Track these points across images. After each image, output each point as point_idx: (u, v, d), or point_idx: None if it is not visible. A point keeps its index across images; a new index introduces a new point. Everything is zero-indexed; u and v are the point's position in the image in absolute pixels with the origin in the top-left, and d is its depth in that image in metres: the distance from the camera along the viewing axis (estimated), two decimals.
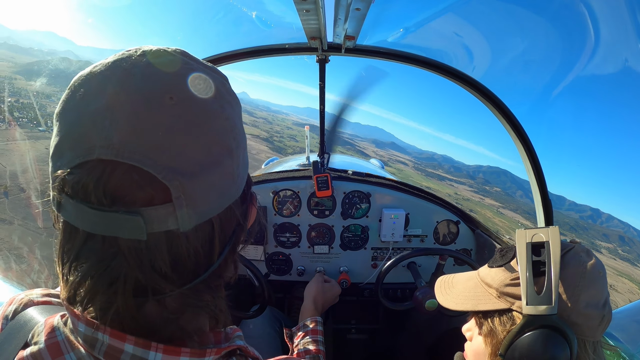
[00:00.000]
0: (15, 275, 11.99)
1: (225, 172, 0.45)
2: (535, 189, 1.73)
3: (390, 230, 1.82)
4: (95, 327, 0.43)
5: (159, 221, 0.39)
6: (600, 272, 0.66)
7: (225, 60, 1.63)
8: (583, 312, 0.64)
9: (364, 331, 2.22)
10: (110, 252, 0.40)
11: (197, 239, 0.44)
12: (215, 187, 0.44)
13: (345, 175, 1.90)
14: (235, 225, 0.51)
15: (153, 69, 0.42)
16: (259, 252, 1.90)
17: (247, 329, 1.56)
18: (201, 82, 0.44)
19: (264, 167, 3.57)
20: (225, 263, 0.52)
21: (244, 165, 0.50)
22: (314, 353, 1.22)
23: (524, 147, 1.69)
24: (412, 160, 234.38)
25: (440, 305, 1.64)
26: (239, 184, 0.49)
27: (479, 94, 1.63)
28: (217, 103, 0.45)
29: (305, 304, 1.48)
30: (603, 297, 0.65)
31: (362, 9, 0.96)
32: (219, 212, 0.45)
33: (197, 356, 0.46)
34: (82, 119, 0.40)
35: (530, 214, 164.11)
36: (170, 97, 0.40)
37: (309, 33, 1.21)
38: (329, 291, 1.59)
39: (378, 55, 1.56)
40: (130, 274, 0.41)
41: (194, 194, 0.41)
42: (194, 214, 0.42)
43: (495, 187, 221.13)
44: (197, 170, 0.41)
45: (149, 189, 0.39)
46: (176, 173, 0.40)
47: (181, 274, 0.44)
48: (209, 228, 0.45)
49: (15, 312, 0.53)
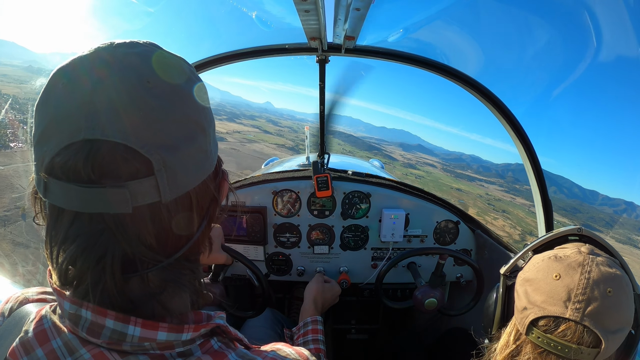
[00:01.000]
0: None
1: (199, 147, 0.49)
2: (535, 189, 1.74)
3: (390, 231, 1.82)
4: (79, 304, 0.45)
5: (143, 194, 0.43)
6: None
7: (225, 60, 1.63)
8: None
9: (364, 331, 2.22)
10: (98, 229, 0.43)
11: (177, 211, 0.48)
12: (191, 160, 0.48)
13: (345, 176, 1.90)
14: (210, 200, 0.55)
15: (131, 58, 0.46)
16: (259, 252, 1.90)
17: (247, 332, 1.56)
18: (174, 67, 0.50)
19: (264, 167, 3.57)
20: (203, 237, 0.55)
21: (215, 143, 0.55)
22: (314, 352, 1.22)
23: (524, 147, 1.69)
24: (440, 162, 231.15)
25: (440, 304, 1.64)
26: (211, 160, 0.53)
27: (479, 94, 1.63)
28: (189, 86, 0.50)
29: (305, 304, 1.48)
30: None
31: (361, 9, 0.96)
32: (195, 185, 0.49)
33: (175, 331, 0.48)
34: (67, 106, 0.43)
35: (567, 211, 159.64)
36: (148, 81, 0.45)
37: (309, 33, 1.21)
38: (329, 291, 1.60)
39: (378, 55, 1.56)
40: (117, 248, 0.44)
41: (174, 167, 0.45)
42: (174, 186, 0.46)
43: (526, 186, 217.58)
44: (175, 144, 0.45)
45: (133, 163, 0.42)
46: (157, 147, 0.43)
47: (164, 246, 0.48)
48: (188, 201, 0.49)
49: (11, 310, 0.55)
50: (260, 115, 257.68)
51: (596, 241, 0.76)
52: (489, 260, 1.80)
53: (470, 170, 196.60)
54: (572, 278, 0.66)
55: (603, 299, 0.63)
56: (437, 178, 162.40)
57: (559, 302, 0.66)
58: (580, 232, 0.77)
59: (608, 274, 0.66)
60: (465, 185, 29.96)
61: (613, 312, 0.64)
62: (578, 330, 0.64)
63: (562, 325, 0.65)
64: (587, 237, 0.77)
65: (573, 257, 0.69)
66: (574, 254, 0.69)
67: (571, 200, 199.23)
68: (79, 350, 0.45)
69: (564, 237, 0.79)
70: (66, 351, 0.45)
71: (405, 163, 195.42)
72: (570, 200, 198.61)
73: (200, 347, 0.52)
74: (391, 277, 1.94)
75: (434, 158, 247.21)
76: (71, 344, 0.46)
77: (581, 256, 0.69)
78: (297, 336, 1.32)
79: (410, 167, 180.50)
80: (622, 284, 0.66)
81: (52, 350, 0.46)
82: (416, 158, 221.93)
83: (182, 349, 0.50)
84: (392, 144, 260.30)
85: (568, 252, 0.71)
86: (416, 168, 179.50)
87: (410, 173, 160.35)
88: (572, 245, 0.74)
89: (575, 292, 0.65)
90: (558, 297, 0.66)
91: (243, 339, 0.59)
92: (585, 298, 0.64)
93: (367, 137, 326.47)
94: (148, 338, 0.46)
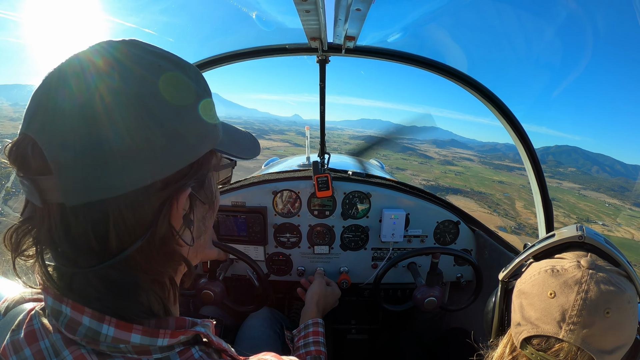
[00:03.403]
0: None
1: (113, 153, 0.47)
2: (535, 189, 1.74)
3: (391, 231, 1.82)
4: (59, 299, 0.46)
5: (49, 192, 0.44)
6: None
7: (225, 60, 1.64)
8: None
9: (364, 331, 2.22)
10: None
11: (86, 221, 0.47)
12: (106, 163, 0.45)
13: (346, 176, 1.90)
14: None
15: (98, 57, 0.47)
16: (259, 252, 1.90)
17: (247, 331, 1.56)
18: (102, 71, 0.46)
19: (264, 167, 3.57)
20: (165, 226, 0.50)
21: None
22: (315, 354, 1.22)
23: (524, 147, 1.69)
24: (477, 154, 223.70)
25: (440, 302, 1.64)
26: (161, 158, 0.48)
27: (479, 94, 1.64)
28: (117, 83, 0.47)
29: (307, 306, 1.49)
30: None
31: (362, 10, 0.95)
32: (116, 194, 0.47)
33: (149, 335, 0.47)
34: (30, 102, 0.46)
35: (614, 190, 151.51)
36: (97, 87, 0.44)
37: (309, 33, 1.21)
38: (330, 295, 1.61)
39: (378, 55, 1.56)
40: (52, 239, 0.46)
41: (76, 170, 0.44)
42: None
43: (570, 168, 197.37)
44: (80, 152, 0.44)
45: (38, 160, 0.43)
46: (62, 150, 0.43)
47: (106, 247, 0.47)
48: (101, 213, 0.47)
49: (7, 309, 0.56)
50: (289, 129, 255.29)
51: (600, 249, 0.70)
52: (489, 261, 1.81)
53: (508, 159, 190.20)
54: (568, 298, 0.63)
55: (600, 321, 0.61)
56: (477, 172, 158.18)
57: (552, 321, 0.63)
58: (582, 239, 0.71)
59: (608, 292, 0.62)
60: (506, 177, 29.10)
61: (610, 334, 0.61)
62: (572, 351, 0.62)
63: (556, 345, 0.63)
64: (590, 245, 0.71)
65: (571, 272, 0.65)
66: (572, 268, 0.66)
67: (616, 179, 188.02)
68: (63, 351, 0.46)
69: (565, 245, 0.73)
70: (52, 352, 0.46)
71: (441, 160, 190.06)
72: (615, 179, 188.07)
73: (180, 355, 0.50)
74: (391, 278, 1.94)
75: (469, 152, 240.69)
76: (57, 345, 0.46)
77: (579, 272, 0.65)
78: (297, 338, 1.32)
79: (447, 164, 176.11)
80: (623, 302, 0.62)
81: (40, 351, 0.46)
82: (451, 154, 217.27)
83: (160, 355, 0.48)
84: (425, 142, 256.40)
85: (566, 265, 0.67)
86: (453, 164, 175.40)
87: (449, 170, 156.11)
88: (572, 256, 0.69)
89: (569, 312, 0.62)
90: (552, 316, 0.64)
91: (228, 350, 0.57)
92: (580, 320, 0.61)
93: (398, 139, 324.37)
94: (121, 339, 0.46)
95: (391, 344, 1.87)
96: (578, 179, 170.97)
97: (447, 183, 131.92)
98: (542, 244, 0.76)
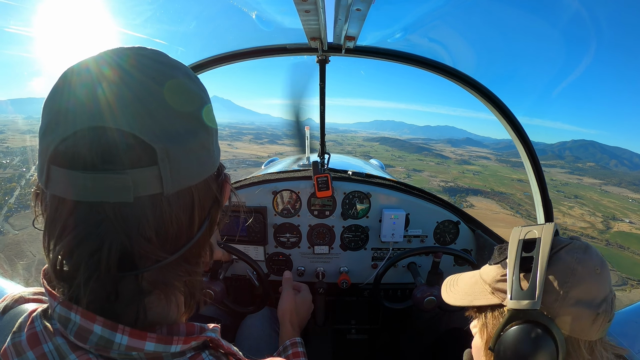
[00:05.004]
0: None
1: (202, 144, 0.50)
2: (535, 189, 1.73)
3: (391, 231, 1.82)
4: (68, 307, 0.45)
5: (145, 183, 0.43)
6: (597, 269, 0.64)
7: (225, 60, 1.64)
8: (572, 309, 0.62)
9: (364, 331, 2.22)
10: (97, 219, 0.43)
11: (179, 206, 0.48)
12: (194, 155, 0.49)
13: (345, 176, 1.90)
14: (213, 201, 0.55)
15: (138, 59, 0.48)
16: (260, 252, 1.90)
17: (246, 330, 1.55)
18: (178, 69, 0.51)
19: (263, 167, 3.57)
20: (204, 240, 0.55)
21: (217, 147, 0.57)
22: None
23: (524, 147, 1.69)
24: (493, 152, 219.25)
25: (439, 301, 1.64)
26: (214, 160, 0.54)
27: (479, 94, 1.64)
28: (193, 83, 0.52)
29: (281, 324, 1.33)
30: (599, 296, 0.63)
31: (362, 10, 0.95)
32: (197, 181, 0.50)
33: (163, 342, 0.47)
34: (73, 99, 0.44)
35: (636, 185, 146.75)
36: (153, 77, 0.47)
37: (309, 33, 1.21)
38: (301, 306, 1.41)
39: (378, 55, 1.56)
40: (116, 240, 0.43)
41: (177, 158, 0.46)
42: (177, 179, 0.46)
43: (589, 163, 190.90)
44: (179, 136, 0.46)
45: (136, 151, 0.43)
46: (161, 137, 0.44)
47: (164, 242, 0.47)
48: (189, 198, 0.49)
49: (5, 308, 0.55)
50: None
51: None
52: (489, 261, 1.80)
53: None
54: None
55: None
56: (495, 171, 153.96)
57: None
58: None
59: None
60: (525, 175, 29.27)
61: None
62: None
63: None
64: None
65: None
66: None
67: (636, 172, 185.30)
68: (69, 355, 0.45)
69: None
70: (57, 355, 0.45)
71: (458, 160, 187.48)
72: (635, 172, 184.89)
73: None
74: (391, 277, 1.94)
75: (485, 150, 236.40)
76: (61, 349, 0.45)
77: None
78: None
79: (464, 164, 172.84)
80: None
81: (44, 354, 0.45)
82: (467, 153, 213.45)
83: None
84: (440, 142, 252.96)
85: None
86: (470, 163, 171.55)
87: (467, 170, 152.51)
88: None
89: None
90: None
91: (237, 354, 0.58)
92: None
93: (413, 139, 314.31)
94: (135, 347, 0.45)
95: (391, 344, 1.87)
96: (598, 174, 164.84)
97: (466, 183, 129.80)
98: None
